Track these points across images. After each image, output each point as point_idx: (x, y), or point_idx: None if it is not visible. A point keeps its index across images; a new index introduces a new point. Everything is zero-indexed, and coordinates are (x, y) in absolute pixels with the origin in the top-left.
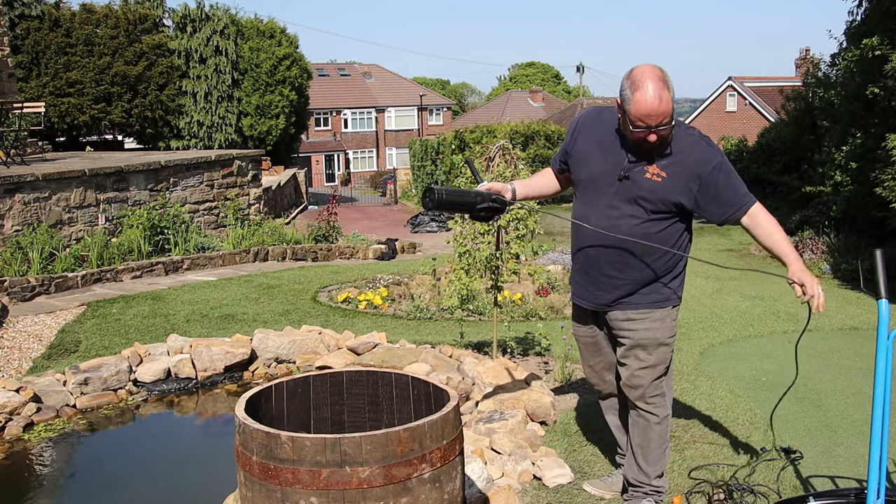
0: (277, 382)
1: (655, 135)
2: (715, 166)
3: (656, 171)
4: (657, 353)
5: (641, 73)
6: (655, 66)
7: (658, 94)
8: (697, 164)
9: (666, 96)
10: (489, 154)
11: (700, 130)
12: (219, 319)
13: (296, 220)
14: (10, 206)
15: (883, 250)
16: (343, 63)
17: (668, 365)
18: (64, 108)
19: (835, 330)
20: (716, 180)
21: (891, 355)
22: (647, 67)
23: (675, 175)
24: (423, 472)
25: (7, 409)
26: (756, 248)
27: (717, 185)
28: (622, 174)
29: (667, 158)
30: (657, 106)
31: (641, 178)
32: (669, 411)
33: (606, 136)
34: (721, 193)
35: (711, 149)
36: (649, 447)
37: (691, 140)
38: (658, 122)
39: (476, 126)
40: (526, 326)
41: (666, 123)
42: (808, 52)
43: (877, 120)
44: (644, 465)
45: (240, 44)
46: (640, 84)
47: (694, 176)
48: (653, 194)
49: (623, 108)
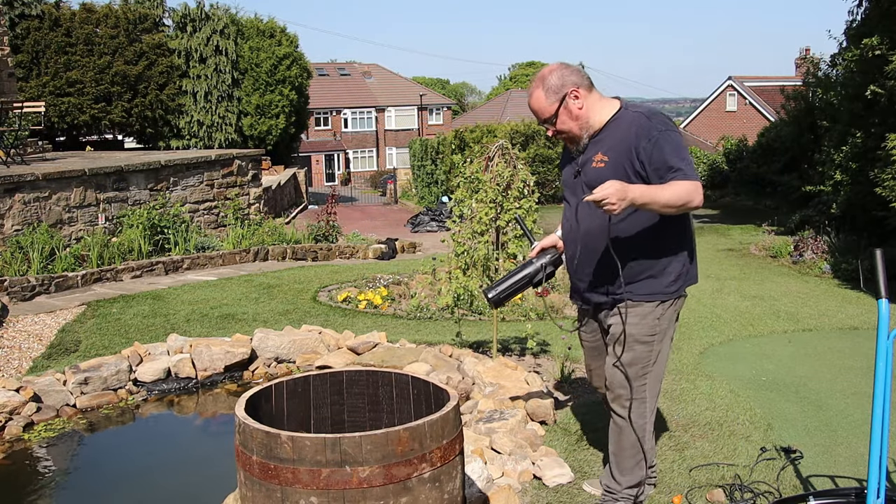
0: (277, 382)
1: (551, 130)
2: (650, 139)
3: (600, 157)
4: (633, 351)
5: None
6: (552, 64)
7: (532, 93)
8: (633, 139)
9: (537, 94)
10: (489, 154)
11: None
12: (219, 319)
13: (296, 219)
14: (10, 206)
15: (883, 250)
16: (343, 63)
17: (646, 367)
18: (64, 107)
19: (835, 330)
20: (650, 153)
21: (891, 355)
22: (544, 68)
23: (616, 158)
24: (423, 471)
25: (7, 409)
26: (756, 247)
27: (652, 158)
28: (577, 169)
29: (608, 142)
30: (533, 104)
31: (589, 168)
32: (647, 419)
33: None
34: (658, 167)
35: (651, 122)
36: (622, 455)
37: (631, 118)
38: (542, 118)
39: (476, 126)
40: (525, 326)
41: (549, 120)
42: (808, 52)
43: (877, 119)
44: (616, 475)
45: (240, 43)
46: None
47: (632, 152)
48: (601, 180)
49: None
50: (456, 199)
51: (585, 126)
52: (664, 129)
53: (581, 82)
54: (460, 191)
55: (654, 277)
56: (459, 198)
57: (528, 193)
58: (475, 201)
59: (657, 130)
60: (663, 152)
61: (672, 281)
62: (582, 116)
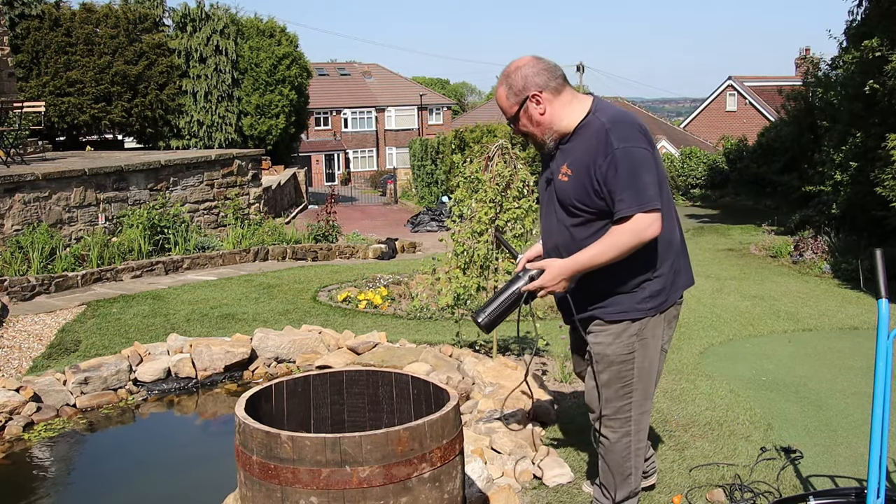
0: (277, 382)
1: (517, 131)
2: (606, 156)
3: (565, 170)
4: (609, 372)
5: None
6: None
7: (497, 87)
8: (593, 154)
9: (500, 91)
10: (489, 153)
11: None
12: (219, 319)
13: (296, 219)
14: (10, 206)
15: (883, 250)
16: (343, 63)
17: (627, 385)
18: (64, 107)
19: (835, 329)
20: (605, 173)
21: (891, 355)
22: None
23: (578, 171)
24: (423, 471)
25: (7, 409)
26: (756, 247)
27: (607, 179)
28: (548, 178)
29: (572, 154)
30: (496, 99)
31: (557, 180)
32: (632, 437)
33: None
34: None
35: (610, 136)
36: (608, 471)
37: (596, 127)
38: (507, 116)
39: (476, 125)
40: (525, 326)
41: (513, 119)
42: (808, 52)
43: (877, 119)
44: (604, 489)
45: (240, 43)
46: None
47: (591, 170)
48: (563, 195)
49: None
50: (456, 199)
51: (549, 132)
52: (622, 144)
53: (547, 84)
54: (460, 191)
55: (626, 294)
56: (459, 198)
57: (527, 193)
58: (475, 201)
59: (613, 147)
60: (616, 175)
61: (647, 297)
62: (544, 122)
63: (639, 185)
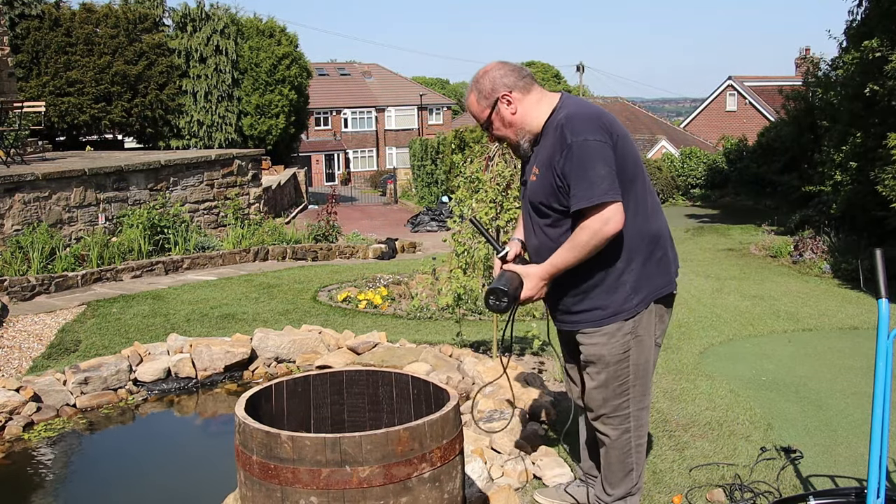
0: (277, 382)
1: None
2: (562, 151)
3: (535, 171)
4: (607, 372)
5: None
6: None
7: (467, 95)
8: (554, 150)
9: (471, 98)
10: (489, 153)
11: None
12: (219, 319)
13: (296, 219)
14: (10, 206)
15: (883, 250)
16: (343, 63)
17: (624, 384)
18: (64, 107)
19: (835, 329)
20: (562, 168)
21: (891, 355)
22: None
23: (543, 171)
24: (423, 471)
25: (7, 409)
26: (756, 247)
27: (565, 175)
28: (523, 179)
29: (539, 153)
30: (468, 107)
31: (529, 179)
32: (632, 434)
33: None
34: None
35: (565, 130)
36: (610, 469)
37: (556, 122)
38: (480, 122)
39: (476, 125)
40: (525, 326)
41: (484, 124)
42: (808, 52)
43: (877, 119)
44: (607, 487)
45: (240, 43)
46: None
47: (554, 167)
48: (533, 195)
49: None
50: (456, 199)
51: (522, 133)
52: (575, 138)
53: (516, 84)
54: (461, 191)
55: (606, 292)
56: (460, 198)
57: None
58: (475, 201)
59: (567, 141)
60: (571, 170)
61: (630, 293)
62: (516, 123)
63: (591, 178)
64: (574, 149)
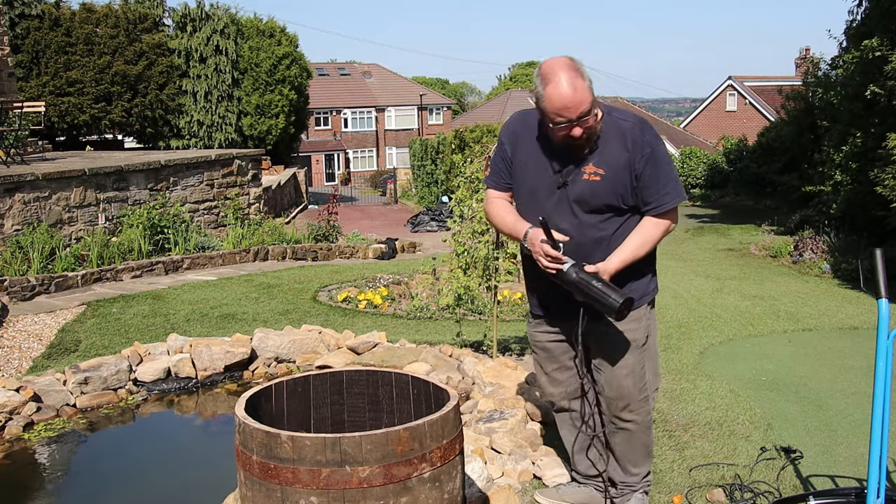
0: (277, 382)
1: (580, 128)
2: (644, 155)
3: (593, 170)
4: (634, 357)
5: (551, 66)
6: (565, 56)
7: (571, 83)
8: (630, 153)
9: (581, 84)
10: (489, 153)
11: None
12: (219, 319)
13: (296, 219)
14: (10, 206)
15: (883, 250)
16: (343, 63)
17: (645, 367)
18: (64, 107)
19: (835, 329)
20: (642, 171)
21: (891, 355)
22: (557, 59)
23: (614, 170)
24: (423, 471)
25: (7, 409)
26: (756, 247)
27: (643, 176)
28: (561, 181)
29: (601, 154)
30: (572, 96)
31: (580, 179)
32: (651, 414)
33: (538, 142)
34: (647, 186)
35: (644, 136)
36: (634, 454)
37: (624, 128)
38: (578, 113)
39: (476, 125)
40: (524, 326)
41: (587, 113)
42: (808, 52)
43: (877, 119)
44: (632, 469)
45: (240, 43)
46: (550, 77)
47: (630, 168)
48: (593, 196)
49: (539, 107)
50: (456, 199)
51: (596, 131)
52: (657, 144)
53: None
54: (461, 191)
55: (639, 280)
56: (460, 197)
57: None
58: (475, 201)
59: (650, 146)
60: (657, 173)
61: (650, 279)
62: (599, 120)
63: (675, 178)
64: (657, 153)
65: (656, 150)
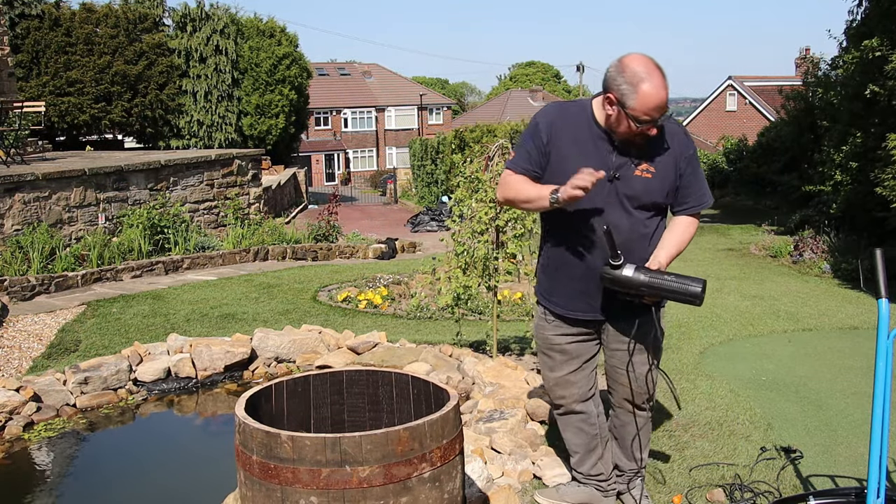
0: (277, 382)
1: (656, 128)
2: (686, 158)
3: (645, 168)
4: (656, 346)
5: (642, 64)
6: (646, 55)
7: (665, 83)
8: (677, 154)
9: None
10: (489, 153)
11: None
12: (219, 319)
13: (296, 219)
14: (10, 206)
15: (883, 250)
16: (343, 62)
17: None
18: (64, 107)
19: (835, 329)
20: (684, 171)
21: (891, 355)
22: (643, 58)
23: (663, 169)
24: (423, 471)
25: (7, 409)
26: (756, 247)
27: (686, 177)
28: (612, 175)
29: (649, 152)
30: (665, 97)
31: (631, 176)
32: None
33: (580, 133)
34: (687, 186)
35: (688, 139)
36: (643, 440)
37: (672, 129)
38: (662, 113)
39: (476, 125)
40: (525, 326)
41: (663, 113)
42: (808, 52)
43: (877, 119)
44: (640, 454)
45: (240, 43)
46: (645, 76)
47: (676, 168)
48: (646, 193)
49: (622, 103)
50: (456, 199)
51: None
52: (694, 146)
53: None
54: (460, 190)
55: None
56: (459, 197)
57: None
58: (475, 201)
59: (692, 148)
60: (696, 174)
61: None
62: None
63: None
64: (695, 156)
65: (695, 151)
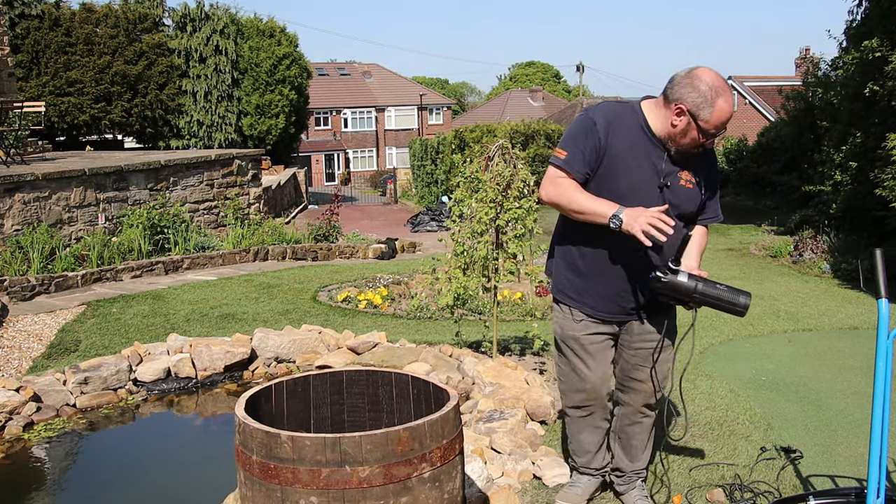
0: (277, 382)
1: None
2: (714, 171)
3: (689, 178)
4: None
5: (720, 81)
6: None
7: (729, 99)
8: (711, 168)
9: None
10: (489, 153)
11: None
12: (219, 319)
13: (296, 219)
14: (10, 206)
15: (883, 250)
16: (343, 62)
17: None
18: (64, 107)
19: (835, 329)
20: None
21: (891, 355)
22: (714, 73)
23: (703, 179)
24: (423, 471)
25: (7, 409)
26: (756, 247)
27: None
28: (662, 182)
29: (690, 163)
30: (732, 112)
31: (677, 185)
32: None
33: (634, 137)
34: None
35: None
36: (648, 439)
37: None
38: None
39: (476, 125)
40: (525, 326)
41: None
42: (808, 52)
43: (877, 119)
44: (641, 456)
45: (239, 43)
46: (722, 91)
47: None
48: (687, 202)
49: (694, 114)
50: (456, 199)
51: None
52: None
53: None
54: (460, 191)
55: None
56: (459, 198)
57: (528, 193)
58: (475, 201)
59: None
60: (716, 184)
61: None
62: None
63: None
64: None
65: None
